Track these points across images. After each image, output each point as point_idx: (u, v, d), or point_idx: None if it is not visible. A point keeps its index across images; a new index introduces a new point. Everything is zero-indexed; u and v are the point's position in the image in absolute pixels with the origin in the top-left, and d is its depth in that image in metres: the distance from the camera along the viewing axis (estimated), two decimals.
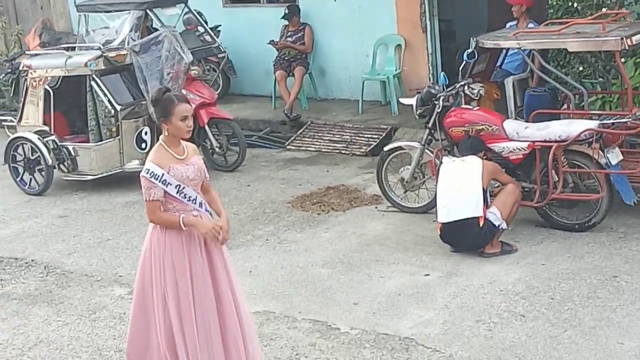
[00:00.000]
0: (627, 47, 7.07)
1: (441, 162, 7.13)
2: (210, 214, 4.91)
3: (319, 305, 6.15)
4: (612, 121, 7.07)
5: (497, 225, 6.71)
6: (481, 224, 6.64)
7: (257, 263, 7.02)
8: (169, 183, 4.69)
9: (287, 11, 11.72)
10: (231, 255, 7.07)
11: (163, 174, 4.68)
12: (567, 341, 5.34)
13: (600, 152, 6.90)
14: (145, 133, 9.33)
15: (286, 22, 11.83)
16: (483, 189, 6.70)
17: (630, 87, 7.33)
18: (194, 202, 4.78)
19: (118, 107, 9.13)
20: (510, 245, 6.84)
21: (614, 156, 6.99)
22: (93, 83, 9.12)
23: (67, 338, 5.97)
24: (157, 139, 9.05)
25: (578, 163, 7.06)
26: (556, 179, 7.03)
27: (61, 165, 9.37)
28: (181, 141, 4.84)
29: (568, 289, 6.06)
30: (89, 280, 6.95)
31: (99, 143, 9.24)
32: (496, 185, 7.06)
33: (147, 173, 4.70)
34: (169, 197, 4.73)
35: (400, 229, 7.51)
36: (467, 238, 6.70)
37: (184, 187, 4.74)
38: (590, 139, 6.91)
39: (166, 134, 4.78)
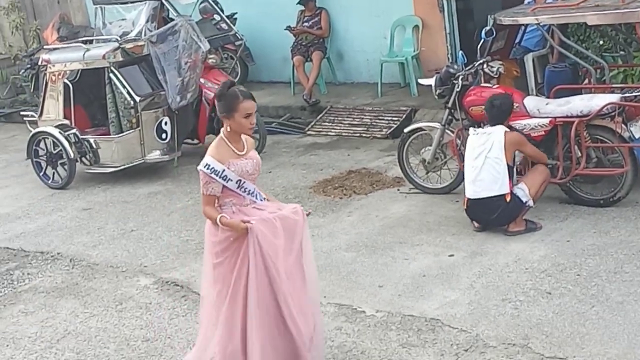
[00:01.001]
0: None
1: (465, 139, 7.08)
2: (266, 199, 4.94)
3: (343, 289, 6.15)
4: (634, 94, 7.00)
5: (524, 202, 6.67)
6: (508, 199, 6.60)
7: None
8: (229, 179, 4.70)
9: None
10: None
11: (224, 170, 4.68)
12: (594, 317, 5.30)
13: (623, 125, 6.82)
14: (166, 123, 9.34)
15: (302, 8, 11.79)
16: (508, 164, 6.64)
17: None
18: (252, 194, 4.81)
19: (137, 98, 9.15)
20: (534, 222, 6.79)
21: (638, 129, 6.90)
22: (112, 75, 9.16)
23: (95, 329, 6.02)
24: (177, 129, 9.32)
25: (601, 138, 6.98)
26: (579, 154, 6.97)
27: (83, 159, 9.42)
28: (241, 135, 4.82)
29: (594, 265, 6.01)
30: (115, 271, 6.99)
31: (120, 135, 9.27)
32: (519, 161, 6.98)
33: (206, 168, 4.69)
34: (226, 190, 4.74)
35: (423, 210, 7.48)
36: (494, 214, 6.66)
37: (244, 182, 4.75)
38: (613, 113, 6.84)
39: (228, 129, 4.75)
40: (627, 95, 6.99)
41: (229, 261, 4.72)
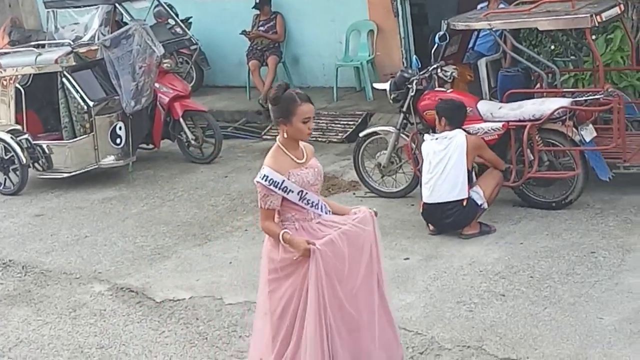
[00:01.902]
0: (597, 24, 7.10)
1: (420, 143, 7.12)
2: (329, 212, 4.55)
3: None
4: (584, 98, 7.10)
5: (479, 205, 6.74)
6: (465, 204, 6.66)
7: (237, 254, 7.01)
8: (290, 190, 4.32)
9: (258, 0, 11.67)
10: (210, 248, 7.17)
11: (283, 181, 4.30)
12: (547, 318, 5.37)
13: (574, 129, 6.93)
14: (120, 128, 9.26)
15: (258, 12, 11.78)
16: (468, 169, 6.71)
17: (601, 64, 7.38)
18: (315, 207, 4.42)
19: (91, 103, 9.06)
20: (488, 225, 6.86)
21: (588, 133, 7.02)
22: (64, 80, 9.05)
23: (48, 337, 5.93)
24: (132, 134, 9.25)
25: (553, 141, 7.08)
26: (532, 158, 7.06)
27: (36, 164, 9.29)
28: (299, 142, 4.46)
29: (547, 267, 6.09)
30: (68, 278, 6.91)
31: (73, 140, 9.16)
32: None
33: (264, 180, 4.32)
34: (288, 204, 4.36)
35: (379, 214, 7.42)
36: (450, 217, 6.72)
37: (306, 193, 4.37)
38: (564, 117, 6.94)
39: (285, 135, 4.38)
40: (577, 99, 7.09)
41: (286, 280, 4.38)
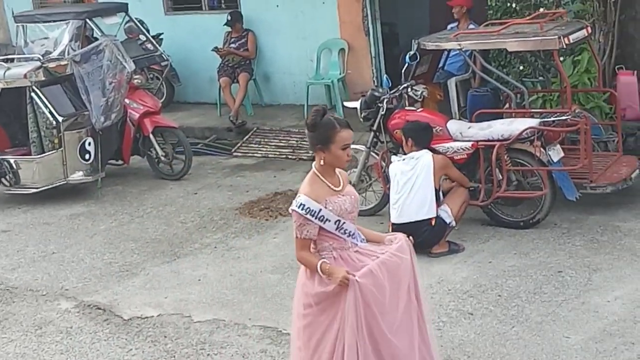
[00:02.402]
0: (564, 46, 7.21)
1: (390, 162, 7.15)
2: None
3: (269, 311, 6.13)
4: (552, 119, 7.18)
5: (447, 223, 6.78)
6: (433, 223, 6.69)
7: (206, 271, 6.98)
8: (327, 219, 4.17)
9: (229, 17, 11.68)
10: (179, 265, 7.14)
11: (320, 210, 4.15)
12: (514, 337, 5.41)
13: (542, 149, 7.00)
14: (89, 144, 9.20)
15: (229, 29, 11.79)
16: (435, 188, 6.75)
17: (569, 85, 7.49)
18: (352, 236, 4.28)
19: (60, 118, 9.00)
20: (457, 244, 6.90)
21: (556, 153, 7.11)
22: (33, 94, 8.99)
23: (13, 355, 5.85)
24: (101, 150, 9.19)
25: (521, 161, 7.15)
26: (500, 177, 7.12)
27: (2, 179, 9.20)
28: (335, 169, 4.32)
29: (515, 286, 6.14)
30: (34, 295, 6.83)
31: (41, 155, 9.09)
32: (445, 179, 7.10)
33: (301, 208, 4.15)
34: (324, 233, 4.20)
35: None
36: (419, 237, 6.72)
37: (343, 222, 4.22)
38: (532, 137, 7.02)
39: (322, 162, 4.23)
40: (545, 120, 7.18)
41: (321, 315, 4.21)
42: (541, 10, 8.40)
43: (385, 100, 7.56)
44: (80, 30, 9.88)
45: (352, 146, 7.98)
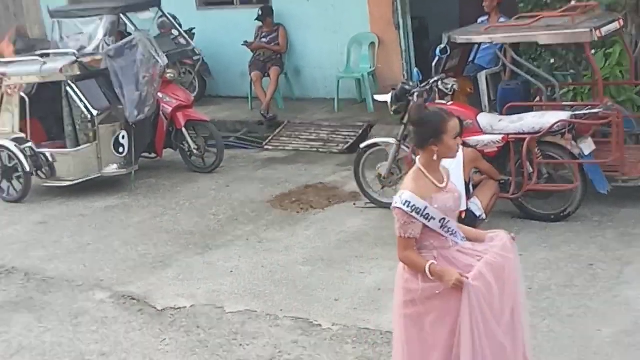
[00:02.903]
0: (596, 39, 7.18)
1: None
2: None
3: (300, 302, 6.19)
4: (583, 112, 7.16)
5: (478, 216, 6.79)
6: (463, 216, 6.70)
7: (238, 263, 7.06)
8: (432, 217, 4.00)
9: (260, 12, 11.75)
10: (212, 256, 7.22)
11: (426, 207, 3.98)
12: (545, 330, 5.42)
13: (573, 142, 6.99)
14: (123, 137, 9.32)
15: (260, 23, 11.86)
16: (465, 181, 6.76)
17: (600, 78, 7.45)
18: (454, 234, 4.12)
19: (94, 112, 9.12)
20: None
21: (587, 146, 7.08)
22: (68, 89, 9.11)
23: (50, 344, 5.97)
24: (135, 143, 9.31)
25: (552, 154, 7.14)
26: (531, 170, 7.11)
27: (39, 172, 9.35)
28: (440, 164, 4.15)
29: (545, 279, 6.14)
30: (70, 285, 6.95)
31: (77, 149, 9.23)
32: (475, 172, 7.11)
33: (406, 205, 3.97)
34: (426, 231, 4.03)
35: (379, 225, 7.57)
36: None
37: (448, 220, 4.07)
38: (563, 130, 7.00)
39: (434, 157, 4.05)
40: (576, 112, 7.15)
41: (427, 315, 4.06)
42: (572, 2, 8.34)
43: (416, 94, 7.57)
44: (114, 25, 10.03)
45: (383, 139, 8.16)
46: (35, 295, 6.83)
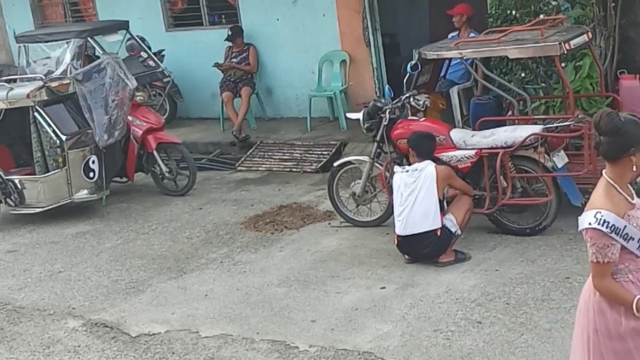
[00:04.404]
0: (565, 52, 7.21)
1: (393, 172, 7.13)
2: None
3: (276, 324, 6.11)
4: (555, 125, 7.18)
5: (453, 232, 6.76)
6: (439, 233, 6.67)
7: (213, 286, 6.96)
8: (630, 237, 3.54)
9: (230, 32, 11.71)
10: (186, 280, 7.13)
11: (625, 226, 3.52)
12: (523, 345, 5.38)
13: (546, 156, 6.99)
14: (93, 162, 9.20)
15: (230, 44, 11.82)
16: (439, 198, 6.73)
17: (571, 91, 7.48)
18: None
19: (63, 137, 9.00)
20: (463, 253, 6.88)
21: (560, 159, 7.09)
22: (36, 114, 8.99)
23: None
24: (105, 168, 9.19)
25: (525, 168, 7.14)
26: (505, 184, 7.10)
27: (8, 199, 9.20)
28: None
29: (522, 293, 6.11)
30: (42, 314, 6.82)
31: (46, 175, 9.09)
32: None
33: (605, 226, 3.49)
34: (621, 254, 3.58)
35: (355, 244, 7.52)
36: (425, 248, 6.73)
37: None
38: (536, 144, 7.00)
39: (633, 169, 3.57)
40: (548, 126, 7.17)
41: (637, 352, 3.66)
42: (541, 16, 8.39)
43: (388, 111, 7.55)
44: (82, 49, 9.93)
45: (356, 157, 8.13)
46: (6, 326, 6.68)
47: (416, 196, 6.70)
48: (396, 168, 7.06)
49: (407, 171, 6.88)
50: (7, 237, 8.94)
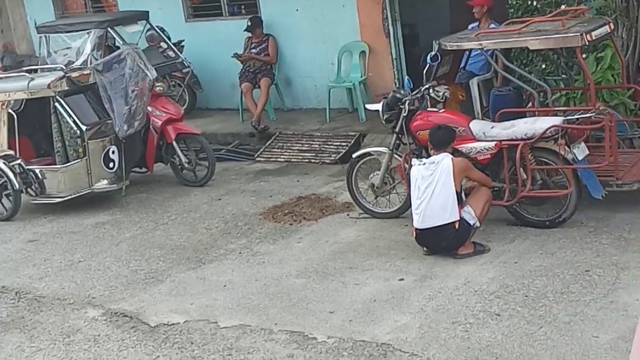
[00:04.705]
0: (587, 43, 7.13)
1: (411, 165, 7.11)
2: None
3: (294, 315, 6.12)
4: (576, 117, 7.12)
5: (471, 224, 6.73)
6: (457, 226, 6.65)
7: (231, 277, 6.98)
8: None
9: (249, 23, 11.71)
10: (205, 271, 7.16)
11: None
12: (542, 337, 5.36)
13: (566, 147, 6.94)
14: (113, 152, 9.25)
15: (249, 34, 11.82)
16: (456, 191, 6.71)
17: (592, 82, 7.40)
18: None
19: (84, 127, 9.05)
20: (482, 245, 6.86)
21: (580, 151, 7.04)
22: (57, 104, 9.04)
23: None
24: (125, 158, 9.23)
25: (545, 160, 7.09)
26: (524, 176, 7.06)
27: (29, 189, 9.27)
28: None
29: (542, 286, 6.08)
30: (62, 303, 6.87)
31: (66, 165, 9.15)
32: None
33: None
34: None
35: (373, 235, 7.51)
36: (444, 241, 6.71)
37: None
38: (556, 136, 6.96)
39: None
40: (569, 117, 7.12)
41: None
42: (562, 7, 8.32)
43: (407, 102, 7.53)
44: (102, 39, 9.97)
45: (375, 149, 8.11)
46: (27, 315, 6.74)
47: (433, 189, 6.68)
48: (413, 161, 7.03)
49: (424, 164, 6.84)
50: (27, 226, 9.01)
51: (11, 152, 9.30)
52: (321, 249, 7.35)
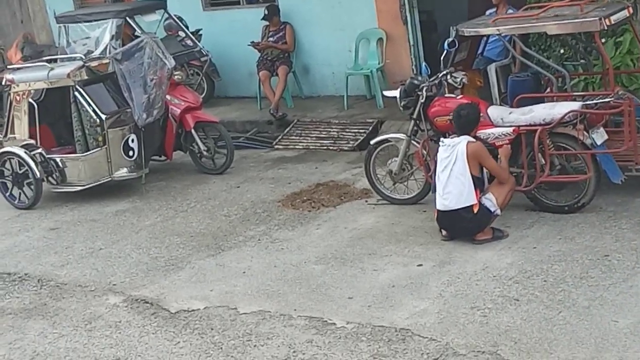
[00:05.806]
0: (605, 27, 7.09)
1: (430, 150, 7.10)
2: None
3: (313, 301, 6.16)
4: (595, 102, 7.09)
5: (492, 212, 6.73)
6: (475, 210, 6.65)
7: (251, 263, 7.03)
8: None
9: (267, 11, 11.72)
10: (224, 258, 7.21)
11: None
12: (561, 322, 5.36)
13: (585, 132, 6.92)
14: (132, 140, 9.30)
15: (267, 23, 11.83)
16: (475, 175, 6.70)
17: (611, 67, 7.37)
18: None
19: (103, 116, 9.11)
20: (501, 230, 6.86)
21: (599, 136, 7.02)
22: (77, 94, 9.10)
23: (64, 350, 5.97)
24: (144, 146, 9.28)
25: (564, 145, 7.07)
26: (543, 162, 7.05)
27: (50, 178, 9.35)
28: None
29: (560, 271, 6.08)
30: (83, 290, 6.95)
31: (86, 153, 9.22)
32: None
33: None
34: None
35: (391, 221, 7.53)
36: (462, 224, 6.72)
37: None
38: (575, 121, 6.93)
39: None
40: (588, 102, 7.08)
41: None
42: None
43: (425, 88, 7.52)
44: (121, 29, 10.03)
45: (393, 135, 8.11)
46: (49, 302, 6.83)
47: (450, 171, 6.69)
48: (442, 140, 6.99)
49: (445, 145, 6.84)
50: (49, 214, 9.09)
51: (32, 142, 9.38)
52: (340, 235, 7.38)
